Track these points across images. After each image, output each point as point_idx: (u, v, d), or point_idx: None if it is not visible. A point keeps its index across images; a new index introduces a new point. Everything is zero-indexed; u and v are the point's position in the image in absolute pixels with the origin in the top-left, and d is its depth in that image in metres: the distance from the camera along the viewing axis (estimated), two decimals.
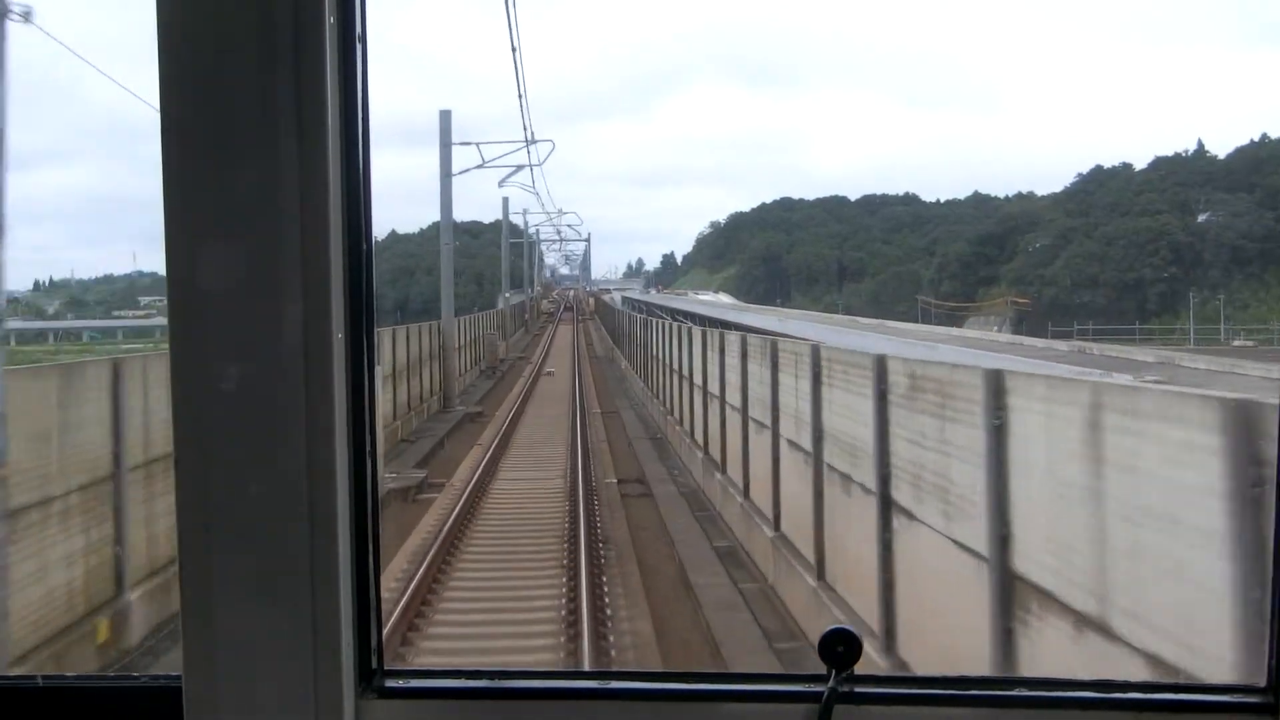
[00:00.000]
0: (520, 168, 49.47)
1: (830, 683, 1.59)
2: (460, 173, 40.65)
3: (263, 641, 1.59)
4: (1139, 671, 5.08)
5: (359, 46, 1.65)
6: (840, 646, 1.61)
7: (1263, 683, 1.60)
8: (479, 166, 42.62)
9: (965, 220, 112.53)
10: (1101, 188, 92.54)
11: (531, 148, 46.20)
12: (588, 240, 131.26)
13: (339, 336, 1.61)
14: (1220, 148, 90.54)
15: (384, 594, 1.95)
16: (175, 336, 1.59)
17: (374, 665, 1.67)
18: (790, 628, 11.47)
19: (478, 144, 42.80)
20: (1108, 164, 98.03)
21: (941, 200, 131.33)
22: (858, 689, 1.61)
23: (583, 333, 77.65)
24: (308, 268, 1.58)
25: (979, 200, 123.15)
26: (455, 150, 39.65)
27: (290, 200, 1.57)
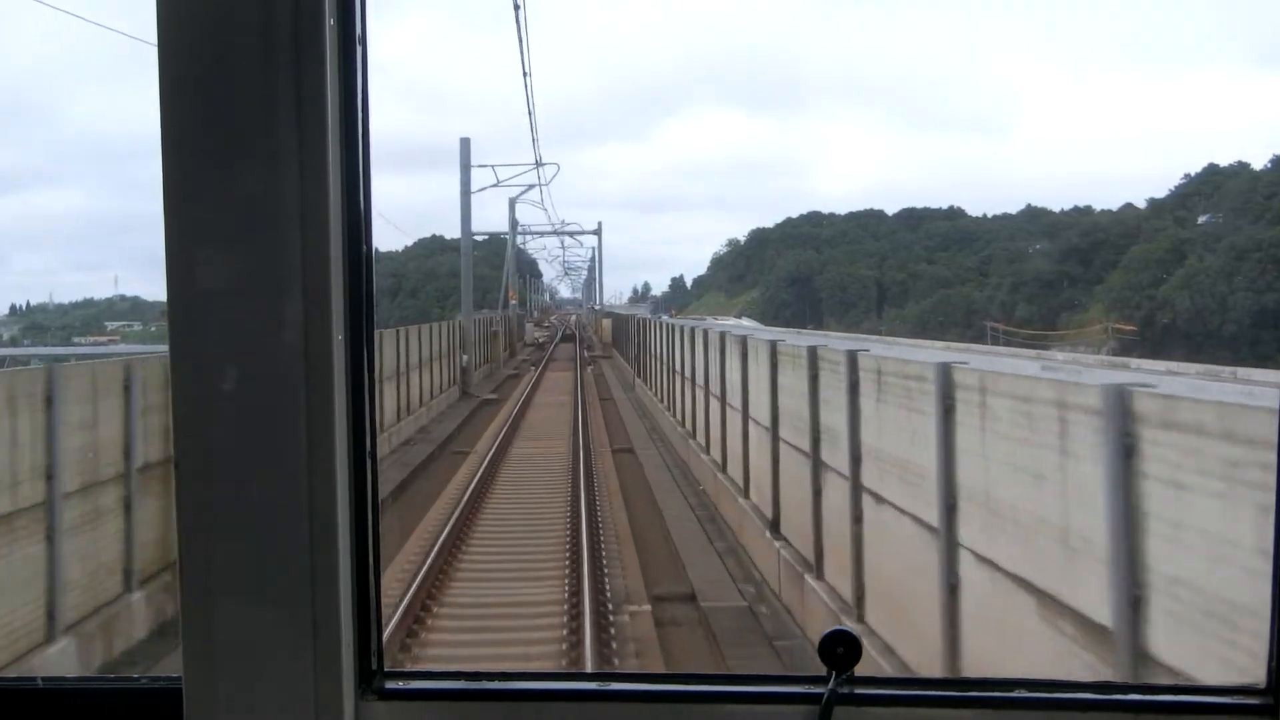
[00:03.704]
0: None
1: (830, 684, 1.79)
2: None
3: (263, 642, 1.79)
4: None
5: (359, 48, 1.86)
6: (840, 648, 1.81)
7: (1262, 684, 1.79)
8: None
9: (1021, 236, 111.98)
10: (1219, 191, 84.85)
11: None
12: (598, 232, 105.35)
13: (339, 338, 1.80)
14: None
15: None
16: (175, 337, 1.79)
17: (374, 667, 1.87)
18: None
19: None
20: (1223, 163, 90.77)
21: (989, 215, 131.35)
22: (857, 690, 1.81)
23: (594, 394, 44.46)
24: (308, 269, 1.77)
25: (1033, 213, 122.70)
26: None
27: (290, 201, 1.77)
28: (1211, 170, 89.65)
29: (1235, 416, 6.44)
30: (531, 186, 59.48)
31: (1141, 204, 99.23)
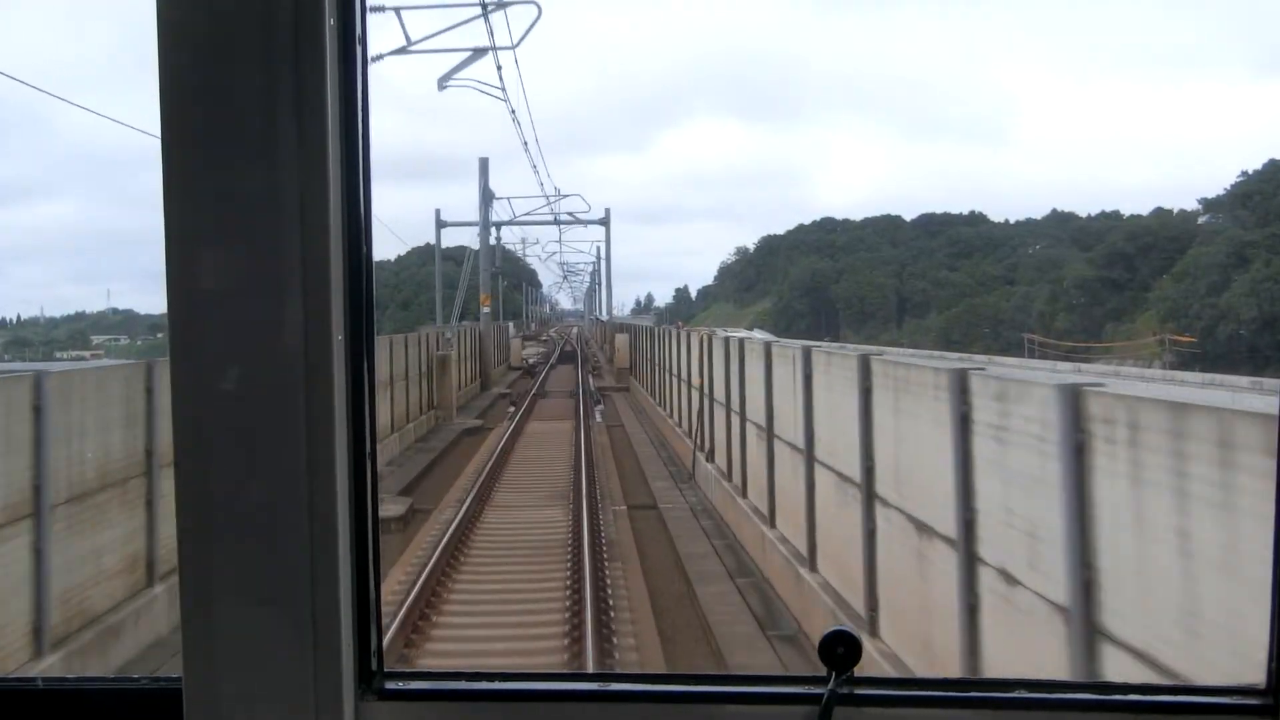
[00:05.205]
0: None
1: (830, 684, 1.90)
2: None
3: (263, 643, 1.89)
4: None
5: (359, 48, 1.95)
6: (840, 648, 1.92)
7: (1262, 684, 1.89)
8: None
9: (1048, 241, 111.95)
10: None
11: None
12: (605, 221, 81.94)
13: (339, 338, 1.90)
14: None
15: None
16: (175, 337, 1.88)
17: (374, 667, 1.97)
18: None
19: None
20: None
21: (1012, 221, 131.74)
22: (857, 691, 1.91)
23: (615, 489, 24.88)
24: (308, 269, 1.87)
25: (1060, 218, 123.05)
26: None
27: (290, 202, 1.86)
28: (1272, 165, 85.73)
29: None
30: (482, 52, 34.37)
31: (1168, 209, 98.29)
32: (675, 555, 18.43)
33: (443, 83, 37.15)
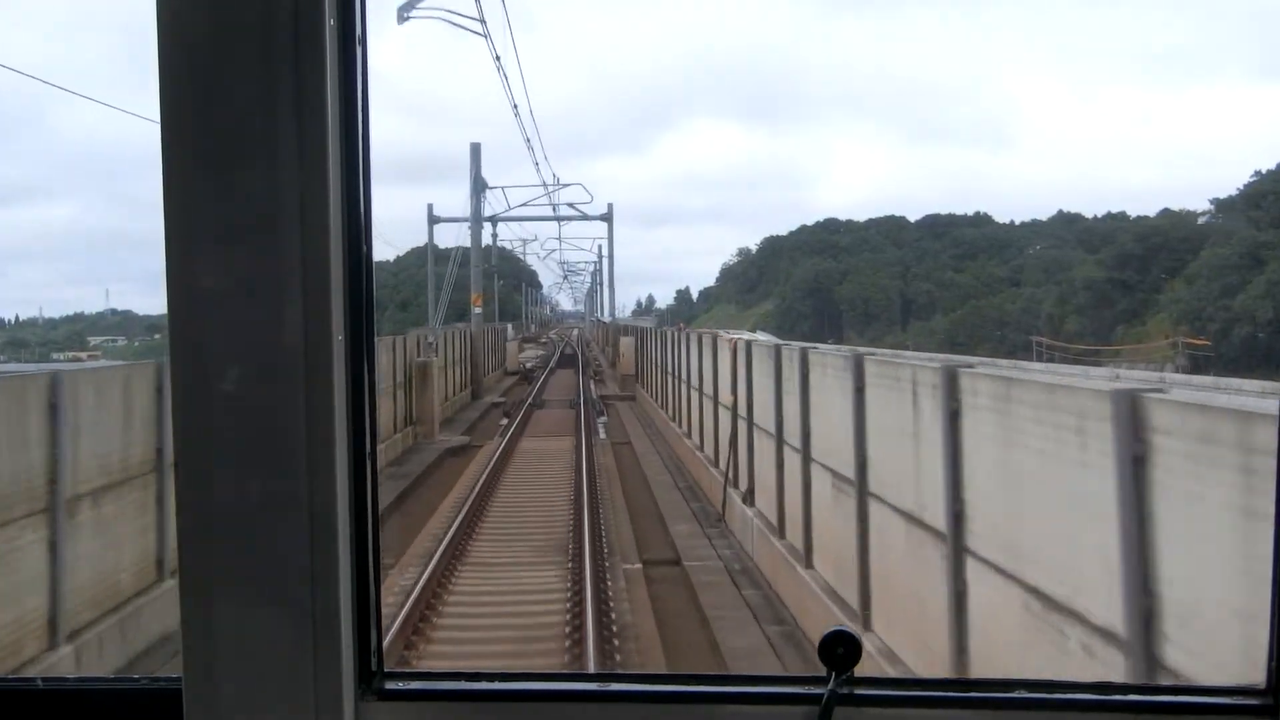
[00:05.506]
0: None
1: (830, 685, 1.92)
2: None
3: (263, 642, 1.92)
4: None
5: (359, 49, 1.98)
6: (840, 648, 1.94)
7: (1262, 684, 1.92)
8: None
9: (1051, 241, 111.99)
10: None
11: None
12: (608, 217, 78.25)
13: (339, 338, 1.92)
14: None
15: None
16: (175, 337, 1.91)
17: (374, 667, 2.00)
18: None
19: None
20: None
21: (1017, 222, 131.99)
22: (857, 691, 1.93)
23: (625, 532, 20.43)
24: (307, 269, 1.89)
25: (1066, 220, 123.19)
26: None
27: (290, 202, 1.89)
28: None
29: None
30: None
31: (1175, 210, 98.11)
32: (715, 652, 13.85)
33: (404, 13, 34.35)
